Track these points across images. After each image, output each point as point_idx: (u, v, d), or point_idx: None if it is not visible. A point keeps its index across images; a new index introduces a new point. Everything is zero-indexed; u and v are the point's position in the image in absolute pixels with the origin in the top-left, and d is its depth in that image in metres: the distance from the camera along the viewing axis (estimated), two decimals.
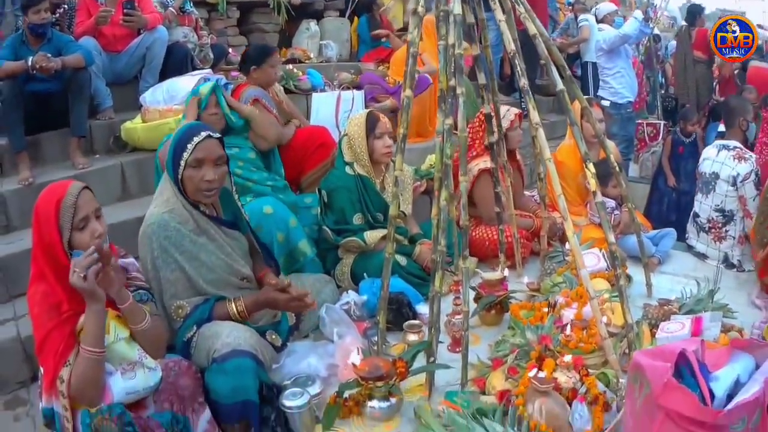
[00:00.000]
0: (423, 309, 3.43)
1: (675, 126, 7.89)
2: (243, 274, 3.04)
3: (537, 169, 3.97)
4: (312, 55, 7.54)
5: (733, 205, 4.42)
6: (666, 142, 7.26)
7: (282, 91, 5.27)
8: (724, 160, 4.46)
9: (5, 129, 4.50)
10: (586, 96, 3.92)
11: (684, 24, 9.06)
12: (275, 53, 4.92)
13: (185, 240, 2.82)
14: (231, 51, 6.61)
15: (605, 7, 8.57)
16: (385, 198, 3.94)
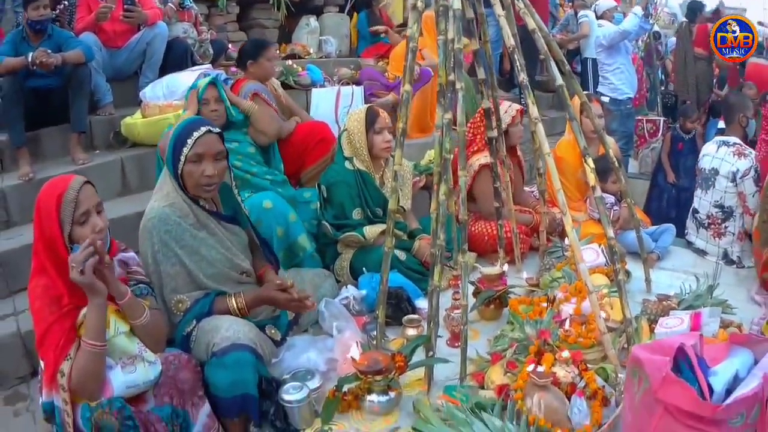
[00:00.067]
0: (422, 304, 3.43)
1: (675, 123, 7.89)
2: (243, 268, 3.04)
3: (536, 165, 3.97)
4: (311, 51, 7.53)
5: (733, 202, 4.42)
6: (665, 138, 7.26)
7: (280, 86, 5.28)
8: (723, 156, 4.46)
9: (5, 125, 4.51)
10: (585, 92, 3.92)
11: (684, 20, 9.04)
12: (271, 47, 4.94)
13: (186, 234, 2.82)
14: (231, 46, 6.60)
15: (605, 4, 8.56)
16: (385, 193, 3.95)
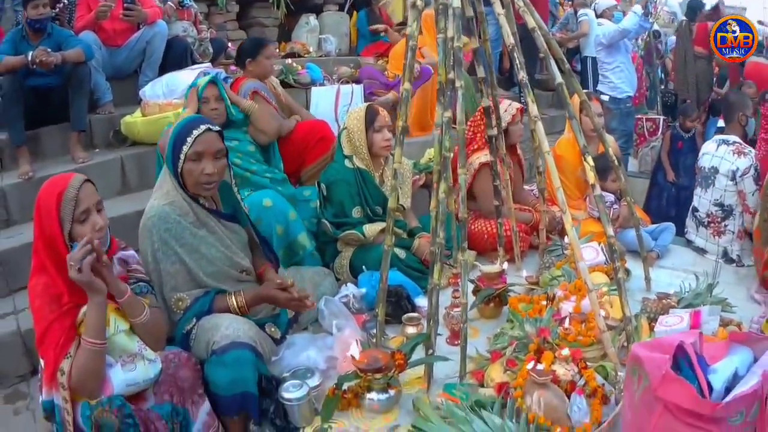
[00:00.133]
0: (422, 302, 3.43)
1: (674, 121, 7.88)
2: (243, 266, 3.04)
3: (536, 163, 3.97)
4: (311, 50, 7.55)
5: (733, 200, 4.41)
6: (665, 137, 7.26)
7: (279, 84, 5.28)
8: (723, 154, 4.45)
9: (5, 123, 4.52)
10: (585, 91, 3.92)
11: (684, 19, 9.03)
12: (269, 45, 4.94)
13: (185, 232, 2.82)
14: (230, 45, 6.61)
15: (604, 2, 8.58)
16: (384, 191, 3.95)
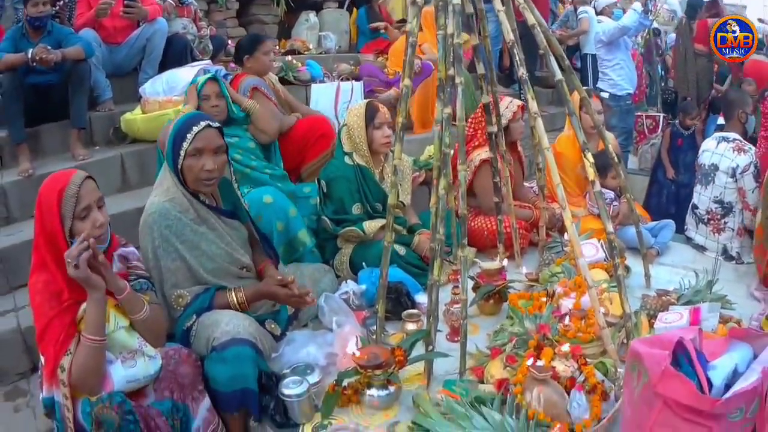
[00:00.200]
0: (421, 298, 3.42)
1: (674, 119, 7.87)
2: (243, 263, 3.05)
3: (536, 160, 3.97)
4: (311, 47, 7.55)
5: (732, 197, 4.41)
6: (665, 134, 7.24)
7: (278, 81, 5.28)
8: (723, 151, 4.45)
9: (5, 121, 4.51)
10: (585, 88, 3.91)
11: (683, 17, 9.01)
12: (266, 41, 4.94)
13: (186, 229, 2.82)
14: (230, 42, 6.60)
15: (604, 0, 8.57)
16: (384, 188, 3.95)
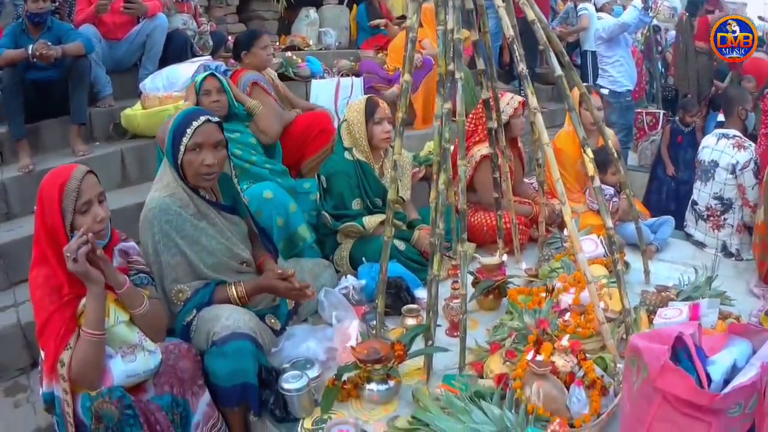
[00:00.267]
0: (421, 294, 3.43)
1: (674, 115, 7.86)
2: (243, 258, 3.05)
3: (535, 156, 3.97)
4: (311, 43, 7.56)
5: (732, 194, 4.41)
6: (665, 131, 7.23)
7: (276, 77, 5.29)
8: (723, 148, 4.45)
9: (5, 117, 4.52)
10: (585, 84, 3.91)
11: (684, 13, 8.99)
12: (263, 35, 4.96)
13: (186, 224, 2.82)
14: (230, 38, 6.58)
15: None
16: (384, 183, 3.94)
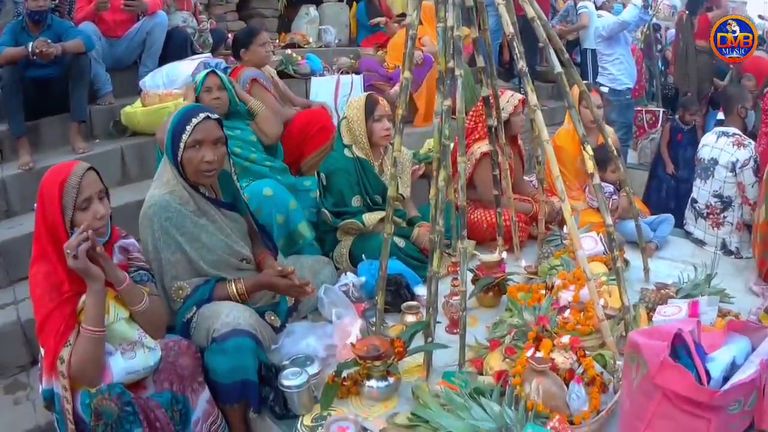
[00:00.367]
0: (421, 291, 3.43)
1: (674, 114, 7.86)
2: (242, 255, 3.05)
3: (535, 153, 3.96)
4: (311, 40, 7.57)
5: (732, 192, 4.40)
6: (665, 129, 7.22)
7: (275, 74, 5.30)
8: (723, 146, 4.44)
9: (5, 114, 4.53)
10: (585, 82, 3.91)
11: (684, 12, 8.98)
12: (261, 32, 4.95)
13: (186, 221, 2.83)
14: (230, 36, 6.59)
15: None
16: (384, 180, 3.95)
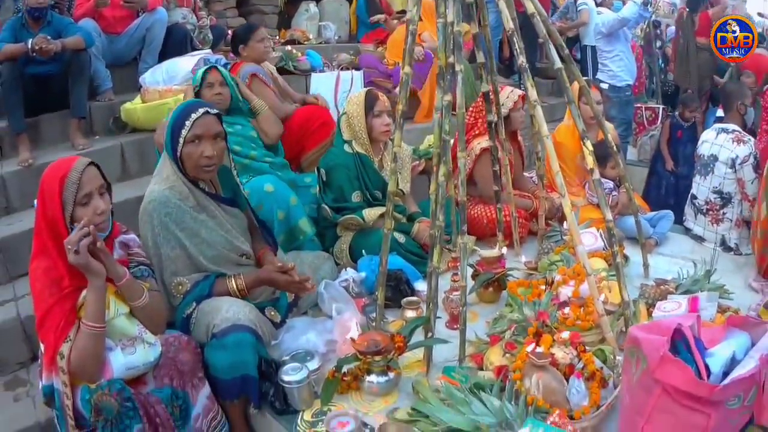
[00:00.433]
0: (421, 286, 3.43)
1: (674, 111, 7.86)
2: (242, 250, 3.05)
3: (535, 149, 3.96)
4: (311, 37, 7.56)
5: (732, 188, 4.40)
6: (664, 126, 7.22)
7: (275, 70, 5.30)
8: (722, 142, 4.44)
9: (5, 111, 4.52)
10: (584, 78, 3.90)
11: (684, 9, 8.97)
12: (259, 28, 4.97)
13: (186, 216, 2.83)
14: (230, 32, 6.59)
15: None
16: (384, 176, 3.95)
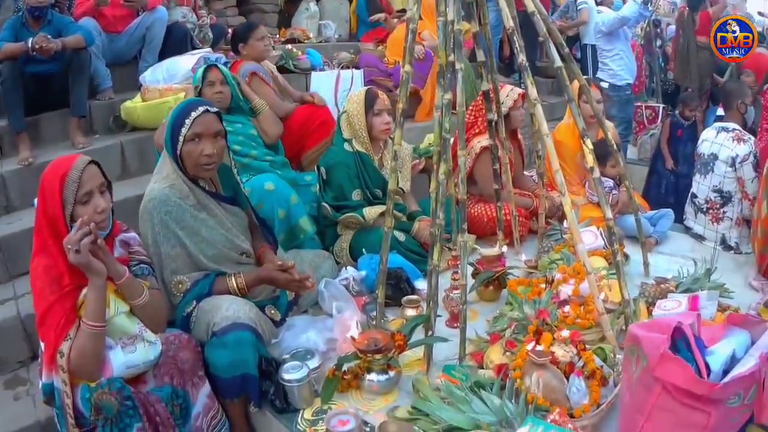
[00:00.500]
0: (421, 284, 3.42)
1: (674, 109, 7.86)
2: (243, 249, 3.05)
3: (535, 148, 3.96)
4: (311, 35, 7.57)
5: (732, 187, 4.39)
6: (664, 125, 7.23)
7: (275, 69, 5.30)
8: (723, 141, 4.43)
9: (5, 110, 4.52)
10: (584, 77, 3.90)
11: (684, 8, 8.96)
12: (259, 27, 4.97)
13: (186, 215, 2.83)
14: (230, 31, 6.59)
15: None
16: (384, 174, 3.95)
